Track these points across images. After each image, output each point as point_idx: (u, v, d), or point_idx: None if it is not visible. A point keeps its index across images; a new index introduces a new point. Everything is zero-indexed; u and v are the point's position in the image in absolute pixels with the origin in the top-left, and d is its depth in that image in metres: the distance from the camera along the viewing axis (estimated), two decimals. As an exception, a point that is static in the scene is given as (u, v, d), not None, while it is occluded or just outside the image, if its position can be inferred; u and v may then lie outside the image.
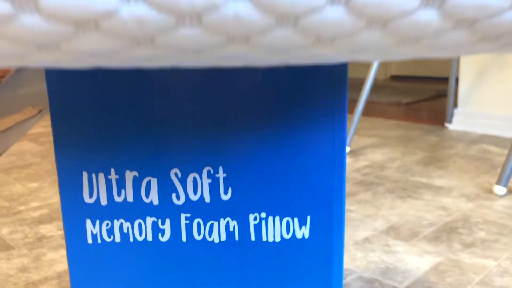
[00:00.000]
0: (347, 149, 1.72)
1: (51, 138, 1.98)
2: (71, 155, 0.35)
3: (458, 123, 2.03)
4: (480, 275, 0.85)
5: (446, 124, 2.06)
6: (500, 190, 1.28)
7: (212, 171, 0.35)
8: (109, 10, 0.15)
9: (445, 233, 1.05)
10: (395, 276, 0.86)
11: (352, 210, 1.19)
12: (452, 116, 2.05)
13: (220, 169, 0.35)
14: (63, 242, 1.02)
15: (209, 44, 0.17)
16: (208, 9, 0.15)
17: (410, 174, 1.48)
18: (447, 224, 1.09)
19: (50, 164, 1.63)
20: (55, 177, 1.49)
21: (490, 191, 1.32)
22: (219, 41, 0.16)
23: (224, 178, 0.35)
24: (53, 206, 1.24)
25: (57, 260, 0.93)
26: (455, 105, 2.05)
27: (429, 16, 0.16)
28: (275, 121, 0.34)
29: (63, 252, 0.97)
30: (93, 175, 0.35)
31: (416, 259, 0.92)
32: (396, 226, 1.09)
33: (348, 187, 1.37)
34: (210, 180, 0.36)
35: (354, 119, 1.75)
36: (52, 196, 1.32)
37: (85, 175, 0.35)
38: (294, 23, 0.16)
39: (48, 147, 1.85)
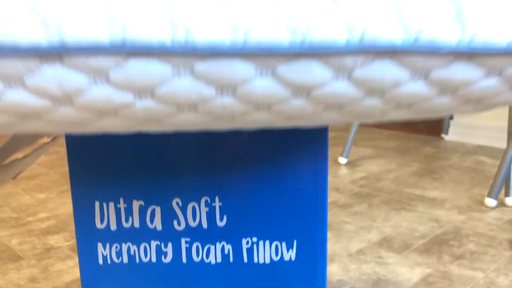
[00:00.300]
0: (344, 160, 1.76)
1: (57, 149, 2.03)
2: (85, 186, 0.40)
3: (454, 134, 2.07)
4: (468, 286, 0.89)
5: (443, 135, 2.10)
6: (491, 202, 1.32)
7: (209, 201, 0.40)
8: (126, 103, 0.19)
9: (436, 245, 1.09)
10: (386, 287, 0.90)
11: (348, 222, 1.23)
12: (448, 127, 2.09)
13: (217, 199, 0.40)
14: (70, 253, 1.06)
15: (203, 122, 0.21)
16: (201, 102, 0.20)
17: (405, 186, 1.52)
18: (439, 236, 1.13)
19: (56, 174, 1.68)
20: (62, 187, 1.54)
21: (482, 203, 1.36)
22: (210, 121, 0.21)
23: (220, 206, 0.40)
24: (60, 217, 1.28)
25: (65, 270, 0.97)
26: (451, 116, 2.09)
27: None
28: (265, 159, 0.39)
29: (70, 262, 1.01)
30: (104, 204, 0.40)
31: (407, 271, 0.96)
32: (389, 238, 1.13)
33: (345, 198, 1.41)
34: (207, 209, 0.40)
35: (352, 130, 1.79)
36: (59, 207, 1.36)
37: (97, 204, 0.40)
38: (268, 110, 0.21)
39: (54, 157, 1.89)
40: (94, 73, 0.18)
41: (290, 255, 0.40)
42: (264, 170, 0.39)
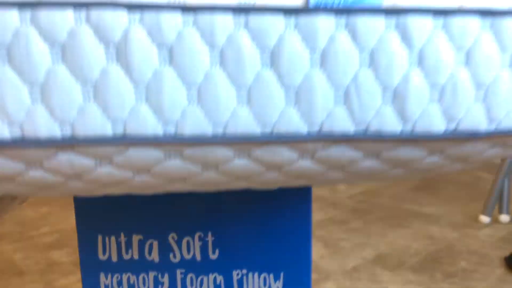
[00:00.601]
0: (343, 175, 1.79)
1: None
2: (89, 222, 0.44)
3: (452, 148, 2.10)
4: (457, 305, 0.92)
5: (440, 149, 2.13)
6: (485, 219, 1.35)
7: (202, 236, 0.44)
8: (126, 179, 0.23)
9: (429, 262, 1.12)
10: (378, 306, 0.93)
11: (344, 239, 1.26)
12: (445, 141, 2.12)
13: (209, 234, 0.44)
14: (73, 268, 1.09)
15: (191, 188, 0.25)
16: (189, 176, 0.24)
17: (402, 202, 1.55)
18: (432, 254, 1.16)
19: (60, 188, 1.72)
20: (64, 201, 1.58)
21: (476, 219, 1.38)
22: (197, 187, 0.25)
23: (212, 241, 0.44)
24: (63, 232, 1.32)
25: (68, 286, 1.00)
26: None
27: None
28: (254, 198, 0.43)
29: (73, 278, 1.04)
30: (107, 238, 0.44)
31: (399, 289, 0.99)
32: (384, 255, 1.16)
33: (342, 214, 1.44)
34: (201, 243, 0.44)
35: (350, 146, 1.82)
36: (62, 221, 1.40)
37: (100, 237, 0.44)
38: (246, 180, 0.25)
39: (57, 170, 1.93)
40: (100, 158, 0.22)
41: (277, 286, 0.44)
42: (253, 209, 0.43)
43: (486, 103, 0.22)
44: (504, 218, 1.37)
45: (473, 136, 0.22)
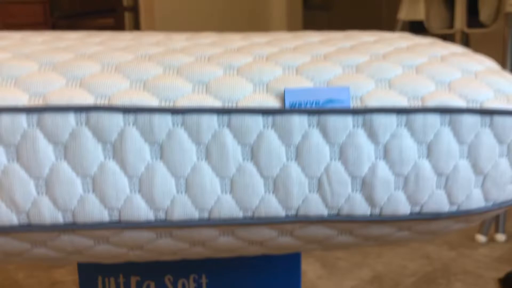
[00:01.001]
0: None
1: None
2: (90, 264, 0.46)
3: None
4: (451, 328, 0.93)
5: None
6: (481, 238, 1.36)
7: (197, 278, 0.47)
8: (122, 254, 0.26)
9: (425, 283, 1.13)
10: (373, 328, 0.94)
11: (341, 258, 1.28)
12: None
13: (203, 276, 0.47)
14: (74, 287, 1.11)
15: (180, 258, 0.28)
16: (179, 251, 0.26)
17: (399, 219, 1.57)
18: (428, 274, 1.18)
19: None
20: (67, 218, 1.60)
21: (473, 238, 1.40)
22: (186, 257, 0.27)
23: (206, 283, 0.47)
24: (65, 250, 1.34)
25: (70, 307, 1.02)
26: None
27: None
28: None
29: (74, 299, 1.06)
30: (106, 279, 0.46)
31: (395, 311, 1.00)
32: (380, 275, 1.18)
33: (340, 232, 1.46)
34: (195, 285, 0.47)
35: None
36: (64, 239, 1.42)
37: (100, 278, 0.46)
38: (231, 252, 0.27)
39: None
40: (98, 239, 0.24)
41: (268, 326, 0.46)
42: (246, 261, 0.46)
43: (447, 189, 0.24)
44: (500, 237, 1.39)
45: (437, 217, 0.24)
